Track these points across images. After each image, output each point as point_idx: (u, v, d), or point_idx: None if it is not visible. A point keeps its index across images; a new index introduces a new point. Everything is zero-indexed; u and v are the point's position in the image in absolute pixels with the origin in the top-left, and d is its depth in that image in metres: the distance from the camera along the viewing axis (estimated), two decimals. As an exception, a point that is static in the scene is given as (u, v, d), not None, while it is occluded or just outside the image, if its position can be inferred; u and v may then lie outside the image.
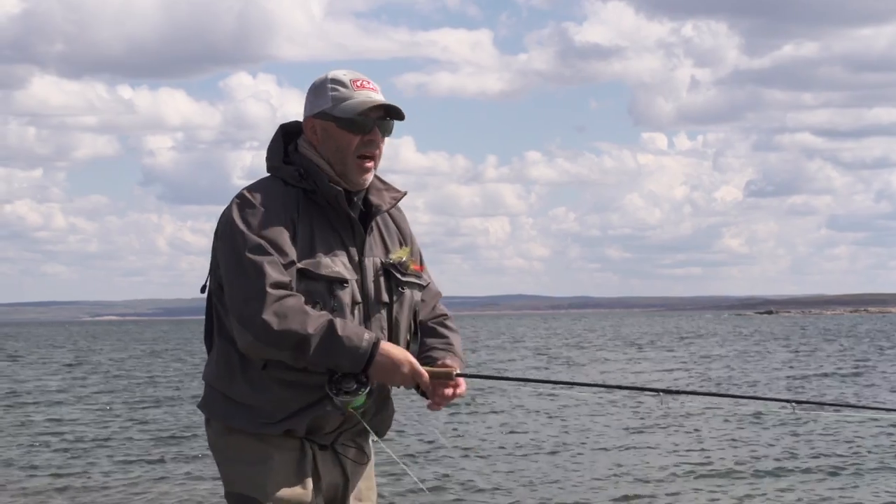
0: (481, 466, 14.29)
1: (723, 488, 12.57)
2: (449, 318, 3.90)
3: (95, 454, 16.20)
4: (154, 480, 13.77)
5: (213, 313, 3.68)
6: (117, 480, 13.87)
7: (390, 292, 3.68)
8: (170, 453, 15.97)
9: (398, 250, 3.75)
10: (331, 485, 3.69)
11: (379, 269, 3.67)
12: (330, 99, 3.65)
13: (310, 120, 3.68)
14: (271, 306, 3.42)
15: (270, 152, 3.71)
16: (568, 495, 12.32)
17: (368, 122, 3.63)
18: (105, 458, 15.74)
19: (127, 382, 32.04)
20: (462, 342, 3.87)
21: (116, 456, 15.96)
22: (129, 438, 17.96)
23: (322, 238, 3.58)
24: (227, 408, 3.61)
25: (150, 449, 16.57)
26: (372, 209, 3.71)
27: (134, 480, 13.82)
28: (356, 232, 3.65)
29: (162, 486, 13.30)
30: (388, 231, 3.78)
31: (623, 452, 15.39)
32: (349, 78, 3.67)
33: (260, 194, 3.59)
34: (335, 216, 3.62)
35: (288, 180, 3.63)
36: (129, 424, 20.16)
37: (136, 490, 13.15)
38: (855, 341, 53.74)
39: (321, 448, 3.66)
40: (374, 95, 3.66)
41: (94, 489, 13.33)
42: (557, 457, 15.13)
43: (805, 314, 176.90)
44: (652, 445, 16.05)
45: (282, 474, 3.58)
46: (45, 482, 13.90)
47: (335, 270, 3.56)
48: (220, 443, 3.67)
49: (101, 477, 14.18)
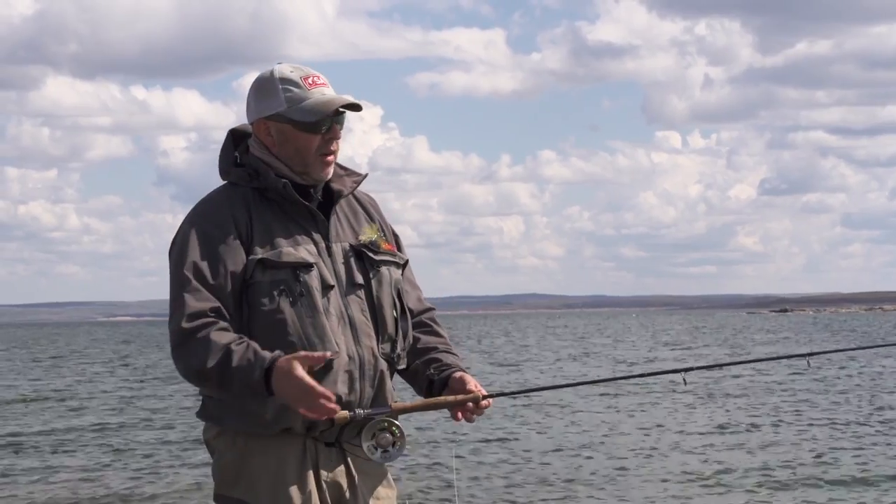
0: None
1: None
2: (435, 312, 3.86)
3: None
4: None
5: None
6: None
7: (365, 273, 3.61)
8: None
9: (365, 231, 3.67)
10: (334, 484, 3.56)
11: (349, 251, 3.60)
12: (284, 101, 3.54)
13: (262, 122, 3.58)
14: (179, 344, 3.42)
15: (221, 158, 3.65)
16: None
17: (327, 121, 3.55)
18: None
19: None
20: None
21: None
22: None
23: (282, 230, 3.53)
24: (221, 410, 3.53)
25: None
26: (333, 195, 3.64)
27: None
28: (317, 220, 3.58)
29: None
30: (355, 215, 3.70)
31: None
32: (299, 76, 3.55)
33: (206, 209, 3.56)
34: (293, 208, 3.56)
35: (239, 182, 3.59)
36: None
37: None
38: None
39: (327, 445, 3.55)
40: (327, 92, 3.57)
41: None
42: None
43: (820, 312, 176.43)
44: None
45: (277, 478, 3.49)
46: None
47: (298, 256, 3.49)
48: (214, 445, 3.59)
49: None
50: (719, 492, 12.55)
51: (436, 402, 3.64)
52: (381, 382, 3.60)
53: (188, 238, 3.52)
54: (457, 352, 3.79)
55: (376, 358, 3.58)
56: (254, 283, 3.47)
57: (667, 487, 12.80)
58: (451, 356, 3.75)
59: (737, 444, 16.13)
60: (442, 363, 3.71)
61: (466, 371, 3.70)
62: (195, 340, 3.40)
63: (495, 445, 16.45)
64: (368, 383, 3.56)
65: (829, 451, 15.22)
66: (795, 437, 16.61)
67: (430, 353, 3.73)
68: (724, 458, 14.80)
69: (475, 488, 12.98)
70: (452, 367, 3.70)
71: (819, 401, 22.27)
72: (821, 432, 17.22)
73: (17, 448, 17.55)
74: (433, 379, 3.70)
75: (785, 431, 17.35)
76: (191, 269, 3.47)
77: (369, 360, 3.56)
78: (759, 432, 17.29)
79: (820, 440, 16.38)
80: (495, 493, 12.69)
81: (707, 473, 13.57)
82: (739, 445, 15.94)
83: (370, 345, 3.57)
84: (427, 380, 3.71)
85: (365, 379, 3.55)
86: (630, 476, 13.60)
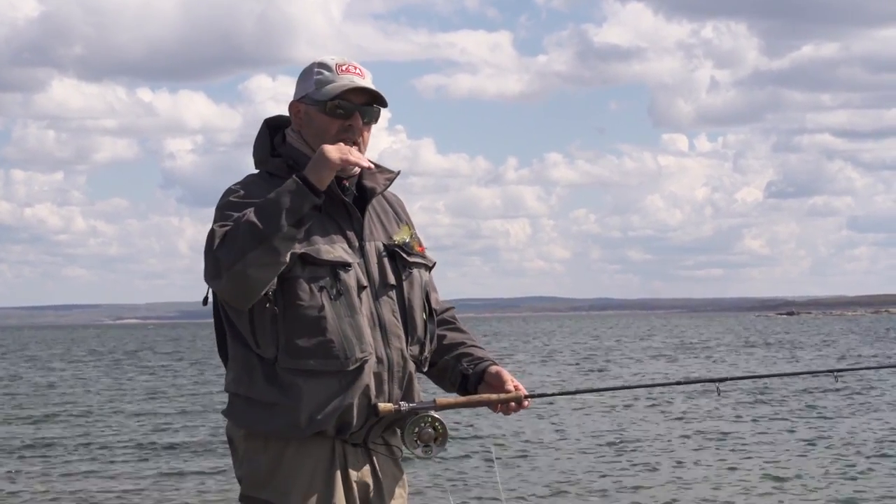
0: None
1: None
2: (454, 310, 3.87)
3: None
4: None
5: (221, 324, 3.62)
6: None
7: (397, 274, 3.61)
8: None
9: (399, 231, 3.69)
10: (362, 484, 3.59)
11: (382, 251, 3.61)
12: (314, 83, 3.59)
13: (295, 104, 3.64)
14: (217, 240, 3.34)
15: (256, 148, 3.66)
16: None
17: (349, 107, 3.57)
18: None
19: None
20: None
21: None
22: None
23: (318, 225, 3.49)
24: (251, 412, 3.53)
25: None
26: (367, 193, 3.64)
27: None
28: (353, 217, 3.58)
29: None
30: (386, 214, 3.71)
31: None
32: (335, 62, 3.61)
33: (242, 191, 3.54)
34: (329, 203, 3.52)
35: (275, 172, 3.58)
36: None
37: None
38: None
39: (353, 446, 3.57)
40: (356, 80, 3.58)
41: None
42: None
43: (826, 315, 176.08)
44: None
45: (308, 481, 3.51)
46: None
47: (336, 255, 3.49)
48: (242, 446, 3.59)
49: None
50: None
51: (479, 399, 3.65)
52: (409, 384, 3.61)
53: (232, 207, 3.46)
54: (483, 345, 3.79)
55: (405, 360, 3.59)
56: (292, 277, 3.45)
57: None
58: (480, 350, 3.74)
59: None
60: (474, 357, 3.71)
61: (499, 364, 3.70)
62: (228, 228, 3.35)
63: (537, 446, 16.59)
64: (397, 385, 3.58)
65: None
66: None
67: (459, 348, 3.73)
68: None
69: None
70: (486, 360, 3.70)
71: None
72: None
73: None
74: (467, 374, 3.70)
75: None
76: (234, 210, 3.42)
77: (398, 361, 3.58)
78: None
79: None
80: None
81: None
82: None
83: (399, 346, 3.58)
84: (460, 374, 3.71)
85: (394, 381, 3.57)
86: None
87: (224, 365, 3.68)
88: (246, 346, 3.54)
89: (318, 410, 3.47)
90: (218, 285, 3.39)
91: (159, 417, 22.72)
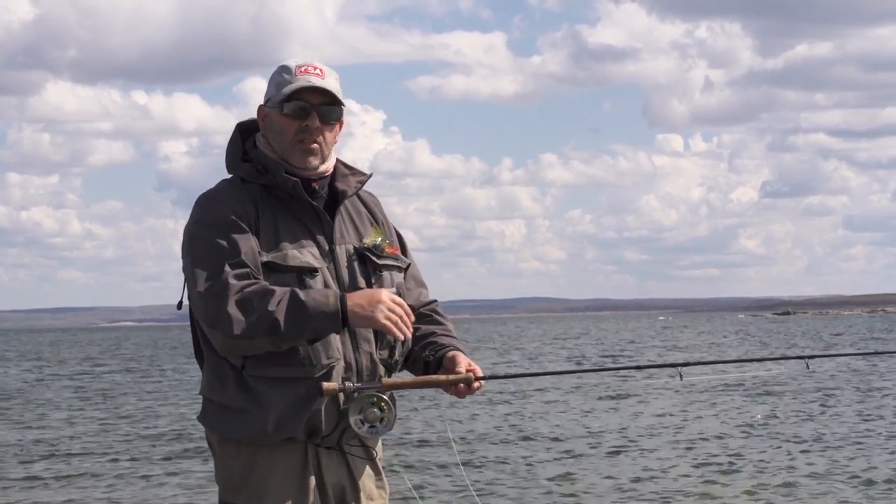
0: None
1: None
2: (438, 304, 3.85)
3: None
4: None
5: (197, 328, 3.61)
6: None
7: (367, 277, 3.60)
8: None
9: (370, 234, 3.68)
10: (337, 486, 3.60)
11: (352, 254, 3.60)
12: (275, 86, 3.60)
13: (261, 108, 3.66)
14: (232, 298, 3.36)
15: (228, 153, 3.66)
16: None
17: (305, 107, 3.55)
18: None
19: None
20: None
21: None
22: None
23: (287, 230, 3.52)
24: (223, 417, 3.54)
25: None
26: (338, 195, 3.63)
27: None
28: (323, 220, 3.58)
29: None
30: (360, 216, 3.70)
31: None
32: (296, 64, 3.60)
33: (215, 198, 3.55)
34: (298, 208, 3.55)
35: (246, 178, 3.58)
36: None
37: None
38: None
39: (327, 448, 3.57)
40: (313, 80, 3.56)
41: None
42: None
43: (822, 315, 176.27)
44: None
45: (281, 485, 3.51)
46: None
47: (303, 260, 3.49)
48: (218, 450, 3.60)
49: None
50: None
51: (426, 380, 3.64)
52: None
53: (209, 218, 3.49)
54: (458, 335, 3.77)
55: (374, 364, 3.59)
56: None
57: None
58: (447, 338, 3.73)
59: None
60: (437, 344, 3.70)
61: (462, 351, 3.68)
62: (250, 294, 3.36)
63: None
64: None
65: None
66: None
67: (428, 338, 3.72)
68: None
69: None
70: (447, 346, 3.69)
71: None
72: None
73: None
74: (428, 360, 3.70)
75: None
76: (221, 241, 3.43)
77: (367, 366, 3.57)
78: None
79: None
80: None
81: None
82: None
83: (369, 350, 3.57)
84: (423, 362, 3.71)
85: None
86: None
87: (200, 369, 3.68)
88: (217, 352, 3.53)
89: (286, 417, 3.47)
90: (210, 335, 3.43)
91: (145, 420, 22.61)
